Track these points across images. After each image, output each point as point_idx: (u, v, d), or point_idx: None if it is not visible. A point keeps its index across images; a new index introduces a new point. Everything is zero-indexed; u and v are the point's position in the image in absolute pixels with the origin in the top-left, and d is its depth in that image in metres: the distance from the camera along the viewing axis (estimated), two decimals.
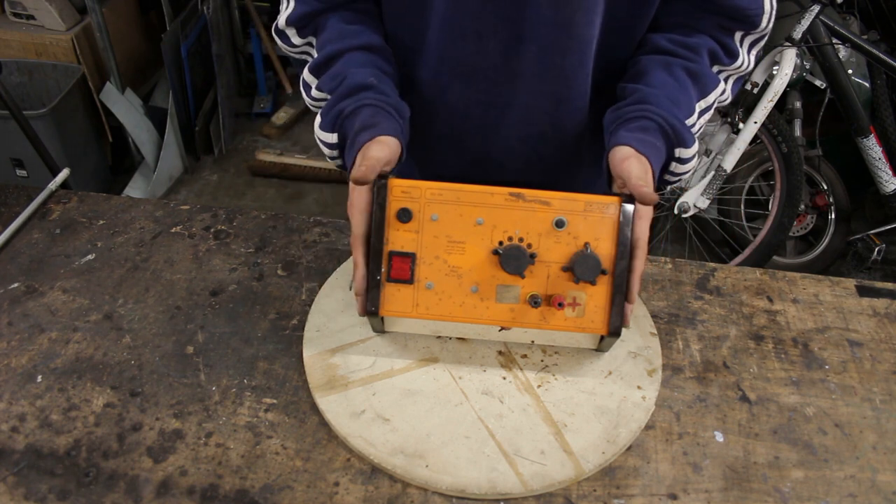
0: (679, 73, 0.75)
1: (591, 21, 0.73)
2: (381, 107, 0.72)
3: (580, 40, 0.74)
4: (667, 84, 0.74)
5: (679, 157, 0.73)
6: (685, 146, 0.73)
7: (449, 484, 0.65)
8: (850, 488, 0.68)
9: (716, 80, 0.77)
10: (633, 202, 0.69)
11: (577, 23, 0.72)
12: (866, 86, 2.13)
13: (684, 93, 0.74)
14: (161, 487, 0.66)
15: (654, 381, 0.75)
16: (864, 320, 0.85)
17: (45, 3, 2.20)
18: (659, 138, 0.72)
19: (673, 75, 0.74)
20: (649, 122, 0.72)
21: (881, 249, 2.10)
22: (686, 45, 0.76)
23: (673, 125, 0.72)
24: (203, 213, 0.97)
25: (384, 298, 0.71)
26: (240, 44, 2.97)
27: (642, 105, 0.73)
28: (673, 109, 0.72)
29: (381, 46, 0.78)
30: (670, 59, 0.75)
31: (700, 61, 0.76)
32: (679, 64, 0.75)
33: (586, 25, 0.73)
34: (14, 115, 1.60)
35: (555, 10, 0.71)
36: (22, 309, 0.83)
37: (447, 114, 0.82)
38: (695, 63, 0.75)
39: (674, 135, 0.72)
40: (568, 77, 0.77)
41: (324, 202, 2.54)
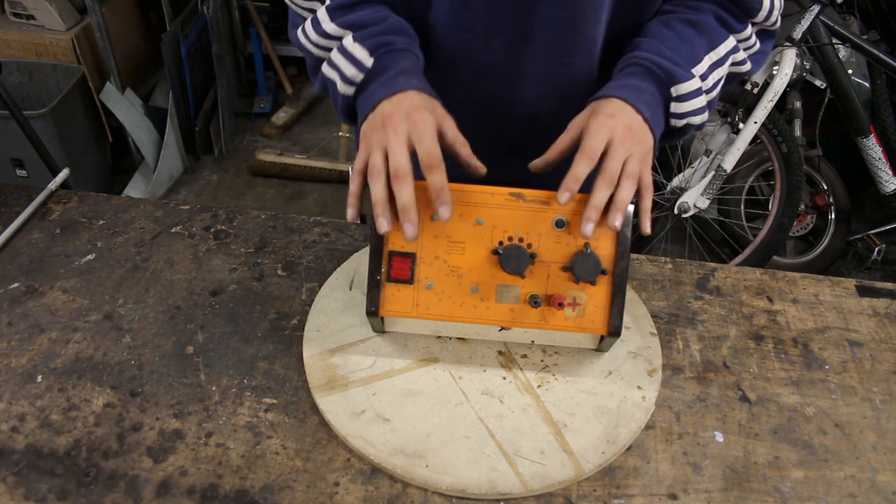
0: (677, 24, 0.73)
1: (598, 20, 0.73)
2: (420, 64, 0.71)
3: (586, 38, 0.74)
4: (660, 34, 0.73)
5: (676, 95, 0.71)
6: (679, 81, 0.70)
7: (449, 484, 0.65)
8: (850, 488, 0.68)
9: (724, 34, 0.74)
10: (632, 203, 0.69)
11: (584, 21, 0.72)
12: (866, 86, 2.13)
13: (682, 40, 0.72)
14: (161, 487, 0.66)
15: (654, 381, 0.75)
16: (864, 320, 0.85)
17: (45, 3, 2.20)
18: (646, 80, 0.70)
19: (669, 27, 0.73)
20: (634, 68, 0.70)
21: (881, 249, 2.10)
22: (687, 5, 0.75)
23: (660, 64, 0.70)
24: (203, 213, 0.97)
25: (384, 298, 0.71)
26: (240, 44, 2.97)
27: (631, 54, 0.72)
28: (662, 51, 0.71)
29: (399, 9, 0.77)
30: (669, 16, 0.75)
31: (702, 15, 0.74)
32: (678, 18, 0.74)
33: (594, 24, 0.73)
34: (14, 115, 1.60)
35: (562, 10, 0.71)
36: (22, 309, 0.83)
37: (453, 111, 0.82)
38: (695, 16, 0.74)
39: (662, 73, 0.70)
40: (574, 75, 0.77)
41: (324, 202, 2.54)
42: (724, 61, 0.75)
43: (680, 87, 0.71)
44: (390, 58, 0.70)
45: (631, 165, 0.66)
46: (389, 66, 0.69)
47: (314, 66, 0.77)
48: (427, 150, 0.63)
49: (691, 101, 0.72)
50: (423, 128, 0.64)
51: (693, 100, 0.72)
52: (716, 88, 0.75)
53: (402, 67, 0.69)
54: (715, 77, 0.74)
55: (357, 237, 0.93)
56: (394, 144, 0.64)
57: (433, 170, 0.63)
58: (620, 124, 0.66)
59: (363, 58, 0.70)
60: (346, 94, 0.73)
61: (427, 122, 0.64)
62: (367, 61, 0.70)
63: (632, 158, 0.66)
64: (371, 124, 0.67)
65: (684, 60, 0.71)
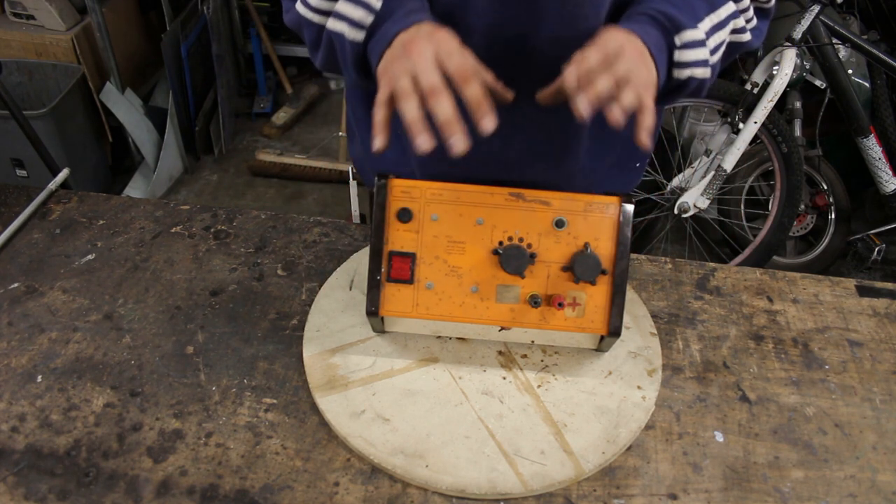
0: None
1: (597, 14, 0.72)
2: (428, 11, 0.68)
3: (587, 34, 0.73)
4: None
5: (681, 43, 0.69)
6: (684, 28, 0.69)
7: (449, 484, 0.65)
8: (850, 488, 0.68)
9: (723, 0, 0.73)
10: (632, 202, 0.69)
11: (583, 17, 0.72)
12: (866, 86, 2.13)
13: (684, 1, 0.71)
14: (161, 487, 0.66)
15: (654, 381, 0.75)
16: (864, 320, 0.85)
17: (45, 3, 2.20)
18: (651, 26, 0.68)
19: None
20: (638, 17, 0.69)
21: (881, 249, 2.10)
22: None
23: (664, 12, 0.69)
24: (203, 213, 0.97)
25: (384, 298, 0.71)
26: (240, 44, 2.97)
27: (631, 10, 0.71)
28: (665, 5, 0.70)
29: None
30: None
31: None
32: None
33: (593, 19, 0.72)
34: (14, 115, 1.60)
35: (562, 6, 0.71)
36: (22, 309, 0.83)
37: None
38: None
39: (666, 20, 0.69)
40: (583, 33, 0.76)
41: (324, 202, 2.54)
42: (725, 24, 0.74)
43: (684, 35, 0.69)
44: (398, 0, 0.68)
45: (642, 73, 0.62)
46: (398, 7, 0.68)
47: (315, 37, 0.75)
48: (458, 63, 0.60)
49: (694, 50, 0.70)
50: (449, 44, 0.61)
51: (697, 49, 0.70)
52: (718, 51, 0.74)
53: (411, 7, 0.67)
54: (717, 39, 0.73)
55: (357, 237, 0.93)
56: (421, 65, 0.60)
57: (468, 81, 0.59)
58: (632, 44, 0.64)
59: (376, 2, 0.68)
60: (356, 41, 0.70)
61: (451, 38, 0.61)
62: (375, 3, 0.68)
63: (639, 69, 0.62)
64: (391, 57, 0.64)
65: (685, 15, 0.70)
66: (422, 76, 0.60)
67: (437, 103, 0.59)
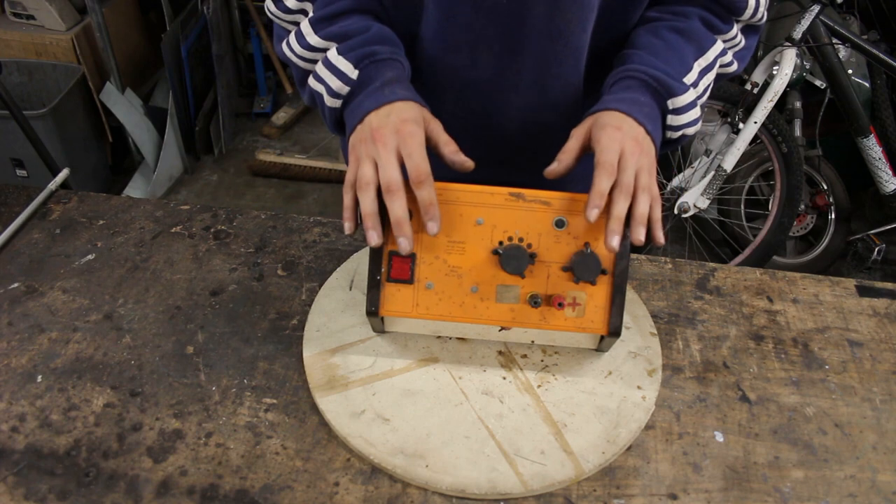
0: (665, 33, 0.74)
1: (584, 28, 0.73)
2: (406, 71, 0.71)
3: (574, 48, 0.74)
4: (651, 44, 0.73)
5: (673, 108, 0.72)
6: (675, 95, 0.71)
7: (449, 484, 0.65)
8: (850, 488, 0.68)
9: (711, 38, 0.75)
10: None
11: (571, 32, 0.72)
12: (866, 86, 2.13)
13: (672, 50, 0.73)
14: (161, 487, 0.66)
15: (654, 381, 0.75)
16: (864, 320, 0.85)
17: (45, 3, 2.20)
18: (644, 93, 0.70)
19: (658, 36, 0.74)
20: (631, 81, 0.71)
21: (881, 249, 2.10)
22: (674, 11, 0.75)
23: (656, 77, 0.70)
24: (203, 213, 0.97)
25: (384, 298, 0.71)
26: (240, 44, 2.97)
27: (624, 66, 0.72)
28: (656, 63, 0.71)
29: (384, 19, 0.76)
30: (657, 24, 0.75)
31: (688, 22, 0.74)
32: (665, 26, 0.74)
33: (581, 33, 0.73)
34: (14, 115, 1.60)
35: (549, 20, 0.71)
36: (22, 309, 0.83)
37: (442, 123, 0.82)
38: (682, 23, 0.74)
39: (659, 86, 0.70)
40: (563, 86, 0.77)
41: (324, 202, 2.54)
42: (713, 66, 0.76)
43: (676, 100, 0.71)
44: (375, 68, 0.70)
45: (643, 178, 0.67)
46: (374, 77, 0.70)
47: (301, 79, 0.77)
48: (416, 164, 0.64)
49: (687, 113, 0.73)
50: (412, 142, 0.64)
51: (689, 112, 0.73)
52: (706, 94, 0.76)
53: (388, 78, 0.69)
54: (705, 83, 0.75)
55: (357, 237, 0.93)
56: (384, 158, 0.64)
57: (422, 185, 0.64)
58: (628, 136, 0.67)
59: (348, 70, 0.71)
60: (334, 107, 0.74)
61: (415, 135, 0.65)
62: (352, 73, 0.71)
63: (642, 171, 0.67)
64: (359, 136, 0.68)
65: (676, 71, 0.72)
66: (382, 171, 0.64)
67: (391, 202, 0.64)
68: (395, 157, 0.64)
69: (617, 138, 0.66)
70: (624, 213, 0.66)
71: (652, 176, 0.68)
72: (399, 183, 0.64)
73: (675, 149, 0.79)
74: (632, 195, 0.66)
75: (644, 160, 0.67)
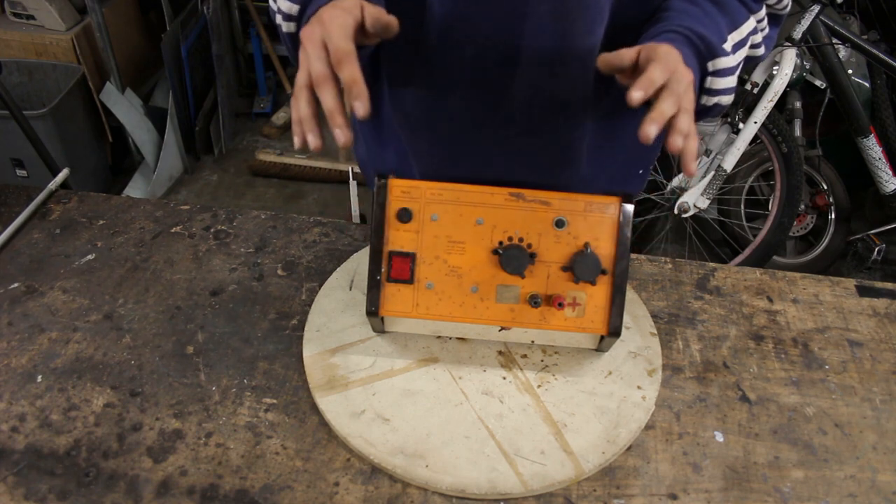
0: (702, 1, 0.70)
1: (591, 30, 0.72)
2: None
3: (580, 50, 0.73)
4: (690, 11, 0.69)
5: (713, 70, 0.67)
6: (718, 55, 0.67)
7: (449, 484, 0.65)
8: (850, 488, 0.68)
9: (744, 13, 0.72)
10: (632, 202, 0.69)
11: (576, 33, 0.71)
12: (866, 86, 2.13)
13: (710, 18, 0.69)
14: (161, 487, 0.66)
15: (654, 381, 0.75)
16: (864, 320, 0.85)
17: (45, 3, 2.20)
18: (688, 49, 0.66)
19: (695, 3, 0.70)
20: (673, 35, 0.66)
21: (881, 249, 2.10)
22: None
23: (700, 34, 0.66)
24: (203, 213, 0.97)
25: (384, 298, 0.71)
26: (240, 44, 2.97)
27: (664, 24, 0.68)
28: (695, 23, 0.67)
29: None
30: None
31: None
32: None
33: (587, 35, 0.72)
34: (14, 115, 1.60)
35: (553, 22, 0.71)
36: (22, 309, 0.83)
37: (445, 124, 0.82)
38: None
39: (703, 45, 0.66)
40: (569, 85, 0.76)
41: (324, 202, 2.54)
42: (745, 42, 0.73)
43: (718, 62, 0.68)
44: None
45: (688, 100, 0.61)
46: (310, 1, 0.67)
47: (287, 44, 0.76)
48: (335, 45, 0.59)
49: (726, 78, 0.69)
50: (330, 24, 0.60)
51: (728, 77, 0.69)
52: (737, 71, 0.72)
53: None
54: (738, 58, 0.72)
55: (357, 237, 0.93)
56: (309, 51, 0.60)
57: (341, 64, 0.58)
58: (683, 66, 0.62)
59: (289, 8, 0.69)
60: (291, 32, 0.71)
61: (335, 17, 0.61)
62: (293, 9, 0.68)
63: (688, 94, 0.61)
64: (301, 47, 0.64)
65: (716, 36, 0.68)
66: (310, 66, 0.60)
67: (319, 93, 0.60)
68: (321, 47, 0.60)
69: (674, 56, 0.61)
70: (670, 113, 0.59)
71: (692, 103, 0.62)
72: (322, 73, 0.59)
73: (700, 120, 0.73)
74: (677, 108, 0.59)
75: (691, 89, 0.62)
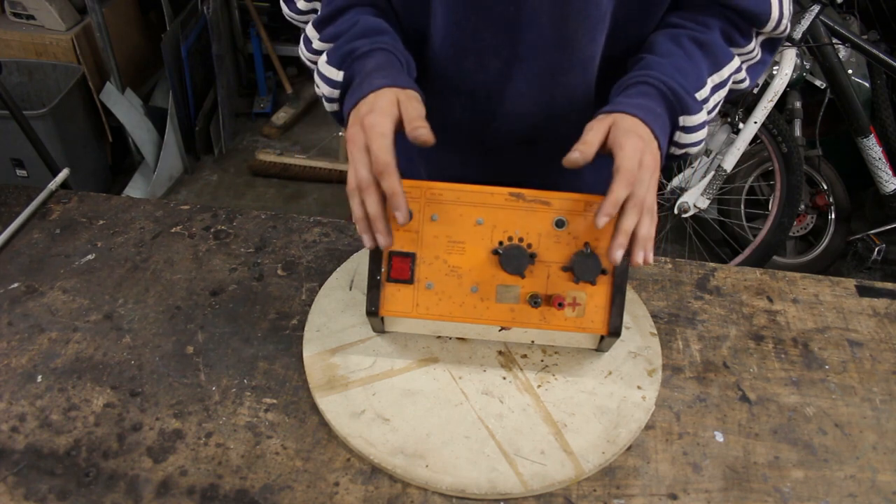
0: (686, 42, 0.72)
1: (592, 39, 0.72)
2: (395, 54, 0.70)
3: (581, 58, 0.74)
4: (672, 53, 0.71)
5: (683, 125, 0.71)
6: (689, 113, 0.70)
7: (449, 484, 0.65)
8: (850, 488, 0.68)
9: (729, 54, 0.74)
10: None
11: (577, 41, 0.72)
12: (866, 86, 2.13)
13: (692, 63, 0.71)
14: (161, 487, 0.66)
15: (654, 381, 0.75)
16: (864, 320, 0.85)
17: (45, 3, 2.20)
18: (660, 104, 0.69)
19: (679, 45, 0.72)
20: (649, 88, 0.69)
21: (881, 249, 2.10)
22: (696, 20, 0.74)
23: (674, 90, 0.69)
24: (203, 213, 0.97)
25: (384, 298, 0.71)
26: (240, 44, 2.97)
27: (643, 71, 0.71)
28: (676, 76, 0.70)
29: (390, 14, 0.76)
30: (678, 30, 0.73)
31: (710, 33, 0.73)
32: (686, 34, 0.73)
33: (588, 43, 0.72)
34: (14, 115, 1.60)
35: (553, 30, 0.71)
36: (22, 309, 0.83)
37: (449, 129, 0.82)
38: (704, 34, 0.72)
39: (676, 101, 0.69)
40: (570, 94, 0.77)
41: (324, 202, 2.54)
42: (726, 83, 0.75)
43: (688, 119, 0.70)
44: (356, 65, 0.70)
45: (649, 197, 0.66)
46: (356, 74, 0.70)
47: None
48: (374, 157, 0.63)
49: (696, 133, 0.72)
50: (372, 133, 0.63)
51: (698, 132, 0.72)
52: (713, 112, 0.75)
53: (367, 70, 0.68)
54: (716, 100, 0.74)
55: (357, 237, 0.93)
56: (354, 156, 0.64)
57: (381, 176, 0.63)
58: (648, 149, 0.66)
59: (334, 75, 0.71)
60: (335, 111, 0.75)
61: (376, 125, 0.63)
62: (337, 76, 0.71)
63: (650, 189, 0.66)
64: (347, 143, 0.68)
65: (692, 86, 0.70)
66: (356, 171, 0.64)
67: (364, 197, 0.65)
68: (364, 153, 0.64)
69: (639, 148, 0.65)
70: (633, 227, 0.65)
71: (655, 195, 0.67)
72: (366, 180, 0.64)
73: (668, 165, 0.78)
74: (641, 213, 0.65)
75: (655, 178, 0.66)
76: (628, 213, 0.65)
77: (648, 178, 0.65)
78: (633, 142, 0.65)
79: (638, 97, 0.69)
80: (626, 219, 0.65)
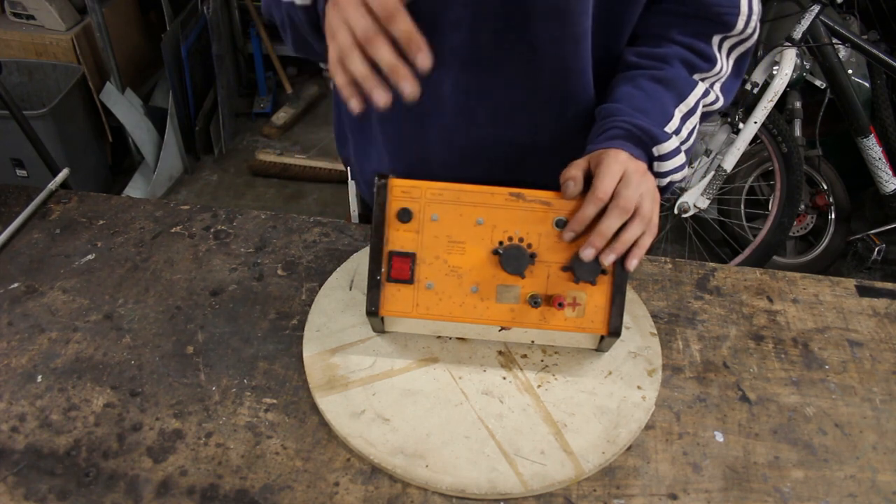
0: (644, 83, 0.75)
1: (584, 10, 0.72)
2: None
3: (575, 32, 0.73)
4: (630, 95, 0.74)
5: (658, 154, 0.73)
6: (660, 142, 0.72)
7: (449, 484, 0.65)
8: (850, 488, 0.68)
9: (692, 82, 0.76)
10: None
11: (571, 12, 0.72)
12: (866, 86, 2.13)
13: (652, 100, 0.74)
14: (161, 487, 0.66)
15: (654, 381, 0.75)
16: (864, 320, 0.85)
17: (45, 3, 2.20)
18: (628, 142, 0.71)
19: (637, 86, 0.75)
20: (616, 131, 0.72)
21: (881, 249, 2.10)
22: (653, 56, 0.76)
23: (639, 126, 0.71)
24: (203, 213, 0.97)
25: (384, 298, 0.71)
26: (240, 44, 2.97)
27: (605, 119, 0.73)
28: (636, 115, 0.72)
29: None
30: (635, 72, 0.76)
31: (668, 68, 0.75)
32: (643, 75, 0.75)
33: (580, 14, 0.72)
34: (14, 115, 1.60)
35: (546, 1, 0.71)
36: (22, 309, 0.83)
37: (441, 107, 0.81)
38: (662, 70, 0.75)
39: (643, 135, 0.71)
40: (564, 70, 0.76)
41: (324, 202, 2.54)
42: (696, 110, 0.76)
43: (661, 147, 0.72)
44: None
45: (646, 204, 0.67)
46: None
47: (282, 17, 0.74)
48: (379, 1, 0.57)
49: (672, 159, 0.73)
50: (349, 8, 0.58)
51: (674, 158, 0.73)
52: (690, 138, 0.77)
53: None
54: (688, 127, 0.76)
55: (357, 237, 0.93)
56: (350, 13, 0.58)
57: (394, 18, 0.57)
58: (631, 164, 0.68)
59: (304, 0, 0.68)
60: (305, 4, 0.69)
61: None
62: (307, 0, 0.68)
63: (646, 196, 0.67)
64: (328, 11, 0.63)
65: (657, 121, 0.73)
66: (354, 25, 0.58)
67: (374, 50, 0.58)
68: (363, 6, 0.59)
69: (621, 160, 0.67)
70: (612, 230, 0.66)
71: (655, 204, 0.68)
72: (371, 29, 0.58)
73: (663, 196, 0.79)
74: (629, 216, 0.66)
75: (648, 185, 0.68)
76: (610, 215, 0.66)
77: (637, 183, 0.66)
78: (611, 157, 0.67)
79: (607, 140, 0.71)
80: (606, 219, 0.66)
